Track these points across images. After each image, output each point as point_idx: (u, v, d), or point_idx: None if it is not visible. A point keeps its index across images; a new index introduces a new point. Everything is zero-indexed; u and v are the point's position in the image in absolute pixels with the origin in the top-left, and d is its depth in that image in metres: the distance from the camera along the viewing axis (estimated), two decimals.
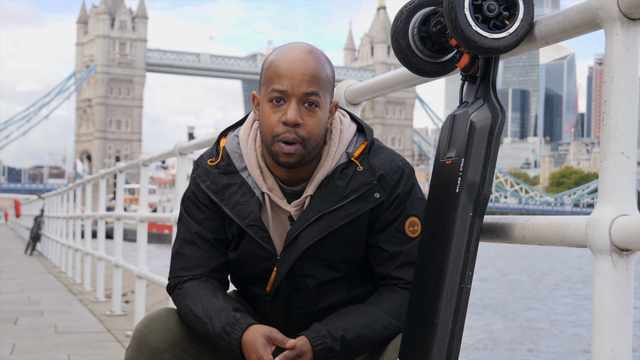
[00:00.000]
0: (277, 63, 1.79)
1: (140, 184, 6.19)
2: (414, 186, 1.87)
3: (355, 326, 1.79)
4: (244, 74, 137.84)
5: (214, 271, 1.91)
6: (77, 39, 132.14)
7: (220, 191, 1.88)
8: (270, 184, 1.87)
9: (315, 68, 1.78)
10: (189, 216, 1.93)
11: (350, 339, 1.78)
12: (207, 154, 1.94)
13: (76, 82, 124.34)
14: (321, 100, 1.78)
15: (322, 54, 1.83)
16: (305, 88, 1.76)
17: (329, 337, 1.77)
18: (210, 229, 1.91)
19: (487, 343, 13.20)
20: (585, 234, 1.33)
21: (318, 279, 1.88)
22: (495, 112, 1.59)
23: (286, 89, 1.76)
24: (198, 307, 1.83)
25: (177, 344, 1.87)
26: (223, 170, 1.89)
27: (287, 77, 1.76)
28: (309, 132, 1.78)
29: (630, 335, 1.31)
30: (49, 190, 58.28)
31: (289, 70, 1.77)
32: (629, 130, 1.32)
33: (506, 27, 1.56)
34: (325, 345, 1.76)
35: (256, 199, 1.86)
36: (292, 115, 1.75)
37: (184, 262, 1.92)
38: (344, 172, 1.84)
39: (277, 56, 1.81)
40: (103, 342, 5.45)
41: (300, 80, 1.76)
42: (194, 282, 1.89)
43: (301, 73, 1.76)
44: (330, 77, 1.83)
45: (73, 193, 12.16)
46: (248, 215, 1.85)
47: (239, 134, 1.92)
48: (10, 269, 12.79)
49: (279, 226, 1.88)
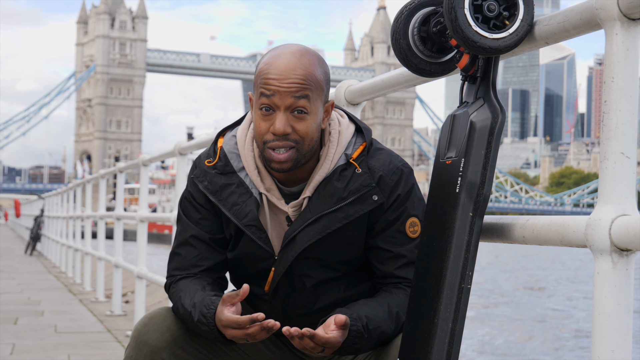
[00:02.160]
0: (267, 70, 1.77)
1: (140, 184, 6.19)
2: (414, 187, 1.87)
3: (375, 317, 1.78)
4: (244, 74, 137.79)
5: (209, 270, 1.92)
6: (77, 39, 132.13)
7: (218, 191, 1.88)
8: (268, 184, 1.87)
9: (302, 75, 1.76)
10: (186, 217, 1.94)
11: (372, 328, 1.77)
12: (205, 155, 1.94)
13: (76, 82, 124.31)
14: (311, 105, 1.77)
15: (314, 55, 1.81)
16: (292, 99, 1.75)
17: (359, 321, 1.76)
18: (207, 229, 1.91)
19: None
20: (585, 234, 1.33)
21: (316, 278, 1.88)
22: (495, 112, 1.59)
23: (273, 100, 1.76)
24: (186, 300, 1.84)
25: (176, 342, 1.88)
26: (221, 171, 1.89)
27: (274, 87, 1.75)
28: (302, 136, 1.77)
29: (630, 335, 1.31)
30: (49, 190, 58.28)
31: (275, 80, 1.75)
32: (629, 130, 1.32)
33: (506, 27, 1.56)
34: (357, 329, 1.75)
35: (254, 199, 1.86)
36: (280, 126, 1.75)
37: (180, 261, 1.93)
38: (342, 173, 1.83)
39: (266, 64, 1.79)
40: (103, 342, 5.45)
41: (287, 90, 1.75)
42: (187, 280, 1.91)
43: (288, 83, 1.75)
44: (322, 79, 1.80)
45: (73, 193, 12.17)
46: (246, 215, 1.86)
47: (236, 134, 1.92)
48: (10, 269, 12.79)
49: (277, 226, 1.88)
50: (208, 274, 1.92)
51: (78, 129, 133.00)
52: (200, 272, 1.91)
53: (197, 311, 1.80)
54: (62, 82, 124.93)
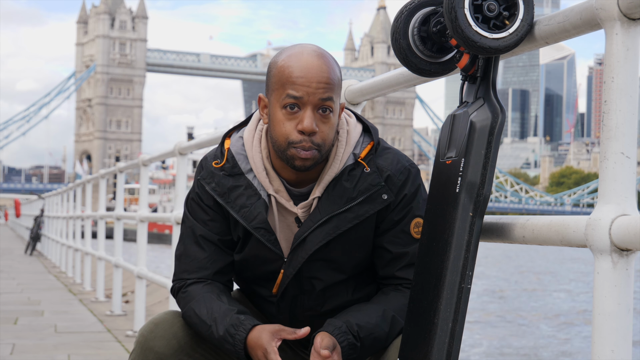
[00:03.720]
0: (291, 69, 1.75)
1: (140, 184, 6.19)
2: (420, 187, 1.87)
3: (367, 324, 1.79)
4: (244, 74, 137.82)
5: (218, 273, 1.90)
6: (77, 39, 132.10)
7: (226, 193, 1.86)
8: (276, 185, 1.85)
9: (328, 73, 1.76)
10: (193, 218, 1.91)
11: (364, 336, 1.77)
12: (212, 156, 1.91)
13: (76, 82, 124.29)
14: (334, 105, 1.77)
15: (331, 56, 1.82)
16: (321, 94, 1.74)
17: (349, 332, 1.76)
18: (215, 230, 1.89)
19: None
20: (585, 234, 1.33)
21: (325, 281, 1.87)
22: (495, 112, 1.59)
23: (302, 95, 1.74)
24: (202, 311, 1.82)
25: (182, 349, 1.86)
26: (228, 172, 1.87)
27: (302, 84, 1.74)
28: (323, 139, 1.76)
29: (630, 335, 1.31)
30: (49, 190, 58.23)
31: (304, 77, 1.74)
32: (629, 130, 1.32)
33: (506, 27, 1.56)
34: (349, 342, 1.75)
35: (262, 201, 1.85)
36: (308, 124, 1.73)
37: (188, 264, 1.90)
38: (351, 173, 1.83)
39: (290, 61, 1.77)
40: (103, 342, 5.45)
41: (317, 87, 1.74)
42: (198, 285, 1.87)
43: (317, 80, 1.74)
44: (340, 80, 1.82)
45: (73, 193, 12.16)
46: (255, 217, 1.84)
47: (243, 135, 1.90)
48: (10, 269, 12.79)
49: (286, 228, 1.87)
50: (217, 277, 1.90)
51: (78, 129, 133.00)
52: (209, 276, 1.89)
53: (222, 328, 1.78)
54: (62, 82, 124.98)
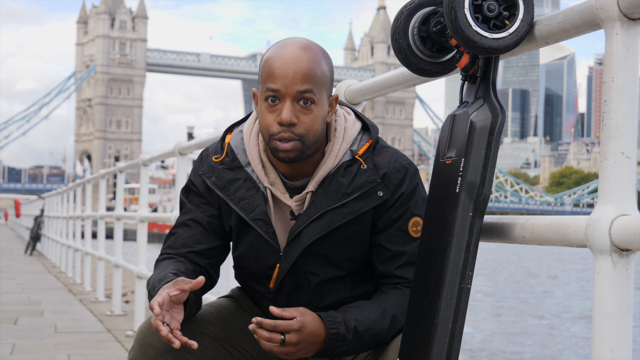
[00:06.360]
0: (271, 62, 1.78)
1: (140, 184, 6.19)
2: (418, 186, 1.87)
3: (367, 319, 1.79)
4: (244, 73, 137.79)
5: (198, 254, 1.90)
6: (77, 39, 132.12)
7: (226, 186, 1.89)
8: (272, 178, 1.87)
9: (308, 65, 1.77)
10: (187, 201, 1.95)
11: (362, 331, 1.77)
12: (212, 151, 1.94)
13: (76, 82, 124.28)
14: (316, 96, 1.78)
15: (318, 48, 1.82)
16: (298, 86, 1.76)
17: (343, 324, 1.76)
18: (207, 213, 1.92)
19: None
20: (585, 234, 1.33)
21: (320, 276, 1.88)
22: (495, 112, 1.59)
23: (279, 88, 1.76)
24: (154, 276, 1.82)
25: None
26: (228, 166, 1.90)
27: (279, 76, 1.76)
28: (306, 129, 1.77)
29: (630, 335, 1.31)
30: (49, 190, 58.26)
31: (281, 69, 1.76)
32: (629, 130, 1.32)
33: (506, 27, 1.56)
34: (338, 331, 1.75)
35: (261, 193, 1.87)
36: (286, 116, 1.75)
37: (173, 241, 1.93)
38: (347, 169, 1.84)
39: (271, 54, 1.80)
40: (103, 342, 5.45)
41: (293, 78, 1.75)
42: (171, 260, 1.89)
43: (294, 71, 1.76)
44: (327, 72, 1.81)
45: (73, 193, 12.16)
46: (254, 209, 1.86)
47: (243, 129, 1.93)
48: (10, 269, 12.79)
49: (282, 221, 1.89)
50: (198, 258, 1.90)
51: (78, 129, 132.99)
52: (190, 254, 1.89)
53: (151, 285, 1.79)
54: (62, 82, 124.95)
